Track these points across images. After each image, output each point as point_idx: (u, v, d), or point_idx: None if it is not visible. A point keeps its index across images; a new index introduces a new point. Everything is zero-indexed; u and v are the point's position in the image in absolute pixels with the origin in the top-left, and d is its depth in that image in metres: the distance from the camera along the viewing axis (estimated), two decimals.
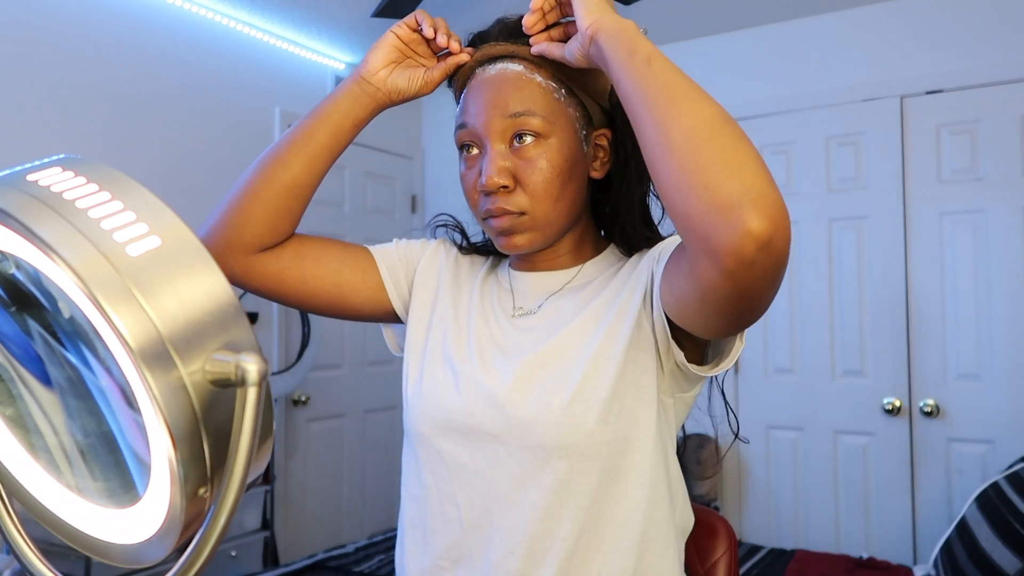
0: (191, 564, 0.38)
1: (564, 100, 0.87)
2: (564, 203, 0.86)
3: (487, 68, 0.88)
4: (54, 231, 0.35)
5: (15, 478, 0.46)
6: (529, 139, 0.84)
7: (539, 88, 0.86)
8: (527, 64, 0.87)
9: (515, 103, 0.84)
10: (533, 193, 0.84)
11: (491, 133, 0.85)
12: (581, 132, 0.88)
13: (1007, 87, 2.72)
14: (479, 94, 0.87)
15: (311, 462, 3.31)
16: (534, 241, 0.87)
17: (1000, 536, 2.14)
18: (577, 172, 0.87)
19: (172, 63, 2.82)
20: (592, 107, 0.89)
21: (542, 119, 0.84)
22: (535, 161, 0.84)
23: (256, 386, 0.36)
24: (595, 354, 0.83)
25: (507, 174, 0.84)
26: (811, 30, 3.05)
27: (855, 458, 2.93)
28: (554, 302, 0.91)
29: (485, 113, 0.85)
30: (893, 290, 2.88)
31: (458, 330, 0.94)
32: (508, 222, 0.85)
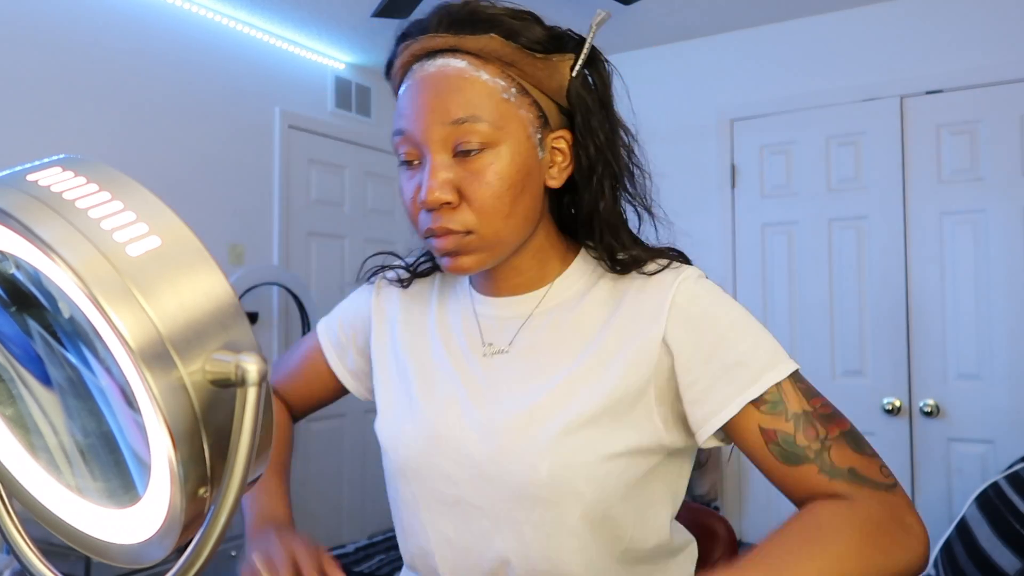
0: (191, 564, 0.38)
1: (515, 100, 0.76)
2: (516, 219, 0.77)
3: (425, 64, 0.77)
4: (54, 231, 0.35)
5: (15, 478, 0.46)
6: (475, 148, 0.74)
7: (485, 88, 0.75)
8: (471, 59, 0.75)
9: (457, 107, 0.74)
10: (480, 209, 0.75)
11: (431, 142, 0.75)
12: (535, 136, 0.77)
13: (1007, 87, 2.72)
14: (416, 96, 0.76)
15: (311, 462, 3.31)
16: (483, 262, 0.78)
17: (1000, 536, 2.14)
18: (531, 183, 0.77)
19: (172, 63, 2.82)
20: (548, 106, 0.78)
21: (489, 125, 0.74)
22: (482, 173, 0.74)
23: (256, 386, 0.36)
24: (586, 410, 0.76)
25: (450, 188, 0.74)
26: (811, 30, 3.05)
27: None
28: (527, 336, 0.83)
29: (423, 119, 0.75)
30: (893, 290, 2.88)
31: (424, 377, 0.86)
32: (453, 242, 0.76)
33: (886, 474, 0.73)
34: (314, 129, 3.35)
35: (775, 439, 0.73)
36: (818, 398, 0.75)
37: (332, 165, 3.41)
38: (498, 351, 0.83)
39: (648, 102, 3.83)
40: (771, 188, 3.13)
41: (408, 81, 0.78)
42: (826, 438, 0.72)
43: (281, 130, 3.21)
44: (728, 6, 2.99)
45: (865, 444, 0.74)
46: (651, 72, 3.37)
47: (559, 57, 0.78)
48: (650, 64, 3.37)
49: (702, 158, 3.24)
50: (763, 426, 0.73)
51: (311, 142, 3.34)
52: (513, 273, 0.83)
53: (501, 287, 0.85)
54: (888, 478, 0.72)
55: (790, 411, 0.73)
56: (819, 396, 0.76)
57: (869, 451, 0.73)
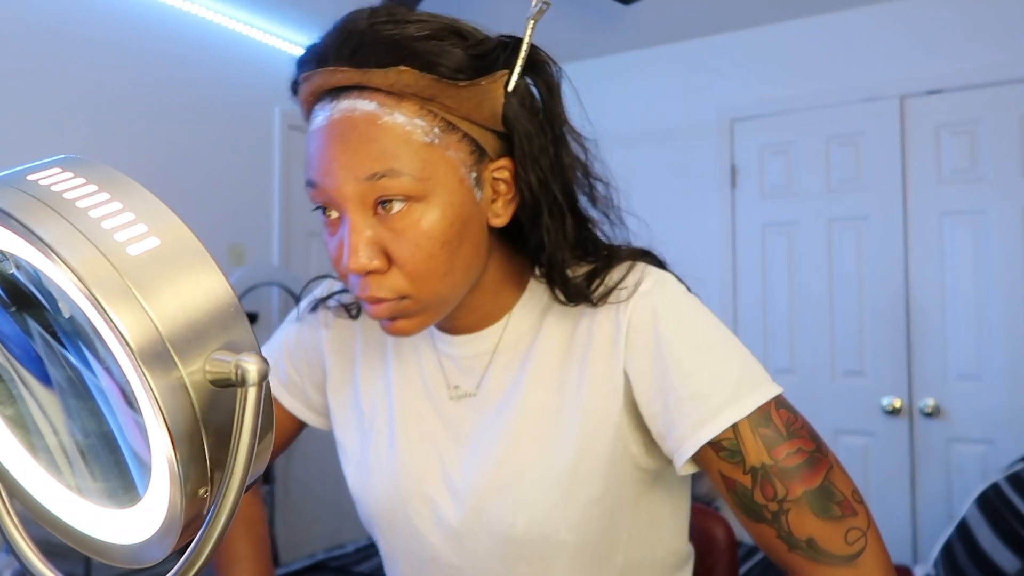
0: (191, 564, 0.38)
1: (440, 141, 0.64)
2: (455, 274, 0.67)
3: (328, 106, 0.65)
4: (54, 231, 0.35)
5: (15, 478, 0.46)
6: (398, 205, 0.63)
7: (402, 134, 0.63)
8: (382, 98, 0.63)
9: (370, 161, 0.62)
10: (412, 274, 0.65)
11: (346, 201, 0.64)
12: (470, 176, 0.66)
13: (1007, 87, 2.72)
14: (322, 145, 0.64)
15: (311, 462, 3.31)
16: (425, 323, 0.69)
17: (1000, 536, 2.14)
18: (470, 231, 0.67)
19: (172, 63, 2.82)
20: (483, 136, 0.67)
21: (410, 177, 0.63)
22: (408, 233, 0.64)
23: (256, 386, 0.36)
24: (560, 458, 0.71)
25: (375, 251, 0.64)
26: (811, 30, 3.05)
27: (855, 458, 2.92)
28: (494, 376, 0.76)
29: (334, 176, 0.64)
30: (893, 290, 2.88)
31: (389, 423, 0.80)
32: (387, 310, 0.67)
33: (852, 539, 0.64)
34: None
35: (735, 488, 0.66)
36: (781, 447, 0.65)
37: None
38: (465, 394, 0.77)
39: (648, 102, 3.84)
40: (771, 188, 3.13)
41: (314, 123, 0.67)
42: (785, 499, 0.64)
43: (281, 130, 3.21)
44: (728, 6, 2.99)
45: (831, 503, 0.64)
46: (651, 72, 3.37)
47: (489, 79, 0.65)
48: (650, 64, 3.37)
49: (702, 158, 3.24)
50: (723, 472, 0.66)
51: None
52: (469, 311, 0.75)
53: (459, 325, 0.77)
54: (852, 545, 0.64)
55: (747, 463, 0.65)
56: (783, 444, 0.65)
57: (835, 512, 0.64)
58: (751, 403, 0.66)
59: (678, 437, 0.67)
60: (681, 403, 0.67)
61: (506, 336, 0.76)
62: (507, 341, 0.76)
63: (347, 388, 0.85)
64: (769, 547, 0.66)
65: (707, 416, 0.66)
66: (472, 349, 0.77)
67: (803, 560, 0.64)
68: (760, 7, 3.01)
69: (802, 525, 0.64)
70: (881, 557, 0.65)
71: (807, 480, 0.64)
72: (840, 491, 0.65)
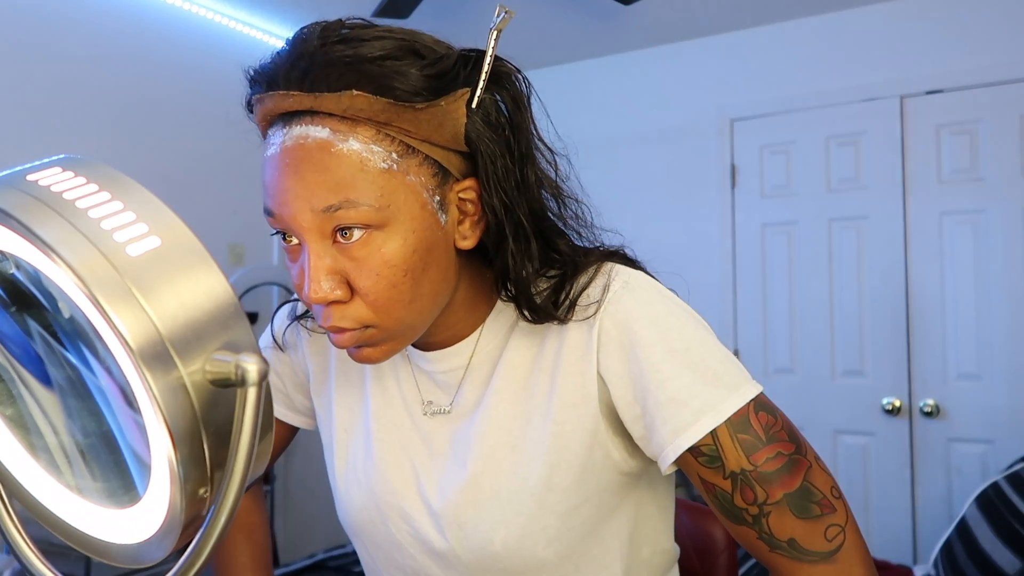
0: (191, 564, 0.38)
1: (399, 166, 0.61)
2: (421, 300, 0.65)
3: (280, 131, 0.62)
4: (54, 231, 0.35)
5: (15, 478, 0.46)
6: (357, 233, 0.61)
7: (358, 161, 0.60)
8: (335, 124, 0.60)
9: (325, 192, 0.60)
10: (375, 303, 0.63)
11: (304, 231, 0.61)
12: (432, 200, 0.63)
13: (1007, 87, 2.72)
14: (276, 174, 0.62)
15: (311, 462, 3.31)
16: (392, 351, 0.67)
17: (1000, 536, 2.14)
18: (434, 257, 0.64)
19: (172, 63, 2.82)
20: (445, 157, 0.64)
21: (369, 207, 0.60)
22: (369, 261, 0.62)
23: (256, 386, 0.36)
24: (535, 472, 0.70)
25: (336, 280, 0.62)
26: (811, 30, 3.05)
27: (855, 458, 2.93)
28: (466, 392, 0.75)
29: (289, 205, 0.61)
30: (893, 290, 2.88)
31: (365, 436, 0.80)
32: (351, 339, 0.65)
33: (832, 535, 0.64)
34: None
35: (714, 492, 0.67)
36: (760, 452, 0.64)
37: None
38: (439, 411, 0.76)
39: (648, 102, 3.84)
40: (771, 188, 3.13)
41: (268, 149, 0.64)
42: (765, 503, 0.64)
43: None
44: (728, 6, 2.99)
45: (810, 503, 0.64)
46: (651, 72, 3.37)
47: (449, 99, 0.62)
48: (650, 64, 3.37)
49: (702, 158, 3.24)
50: (702, 476, 0.66)
51: None
52: (441, 329, 0.73)
53: (432, 342, 0.75)
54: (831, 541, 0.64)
55: (727, 469, 0.65)
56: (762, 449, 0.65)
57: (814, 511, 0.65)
58: (729, 407, 0.65)
59: (659, 443, 0.67)
60: (659, 408, 0.66)
61: (478, 351, 0.74)
62: (479, 356, 0.74)
63: (324, 395, 0.85)
64: (751, 547, 0.67)
65: (686, 422, 0.65)
66: (446, 364, 0.75)
67: (784, 559, 0.65)
68: (760, 7, 3.01)
69: (782, 526, 0.64)
70: (860, 550, 0.66)
71: (786, 484, 0.64)
72: (819, 490, 0.65)
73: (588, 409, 0.69)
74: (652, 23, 3.12)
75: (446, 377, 0.76)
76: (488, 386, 0.73)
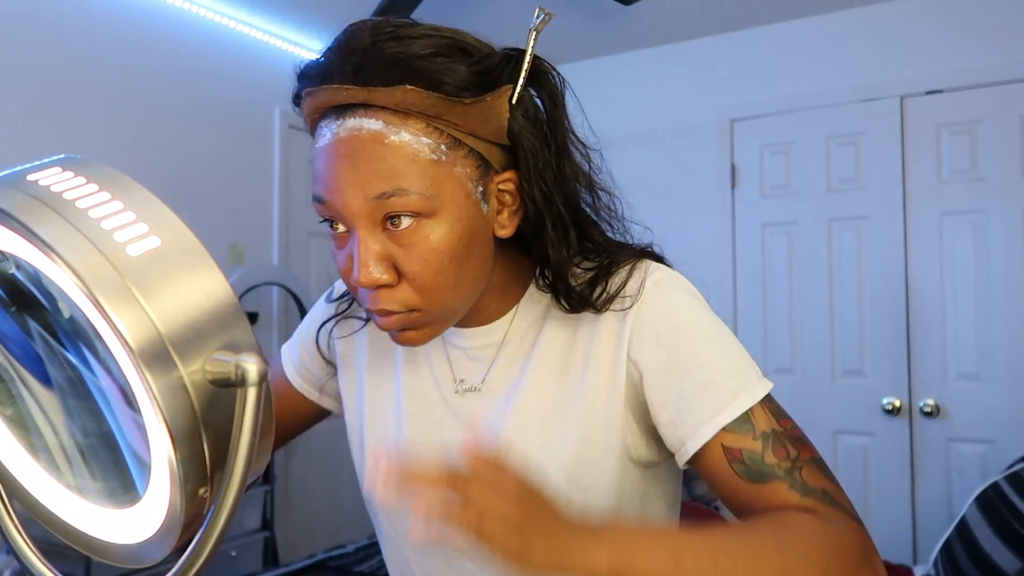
0: (191, 564, 0.38)
1: (447, 157, 0.65)
2: (464, 286, 0.68)
3: (334, 124, 0.65)
4: (54, 231, 0.35)
5: (15, 478, 0.46)
6: (407, 221, 0.64)
7: (409, 152, 0.63)
8: (388, 117, 0.64)
9: (378, 181, 0.63)
10: (422, 288, 0.66)
11: (355, 218, 0.65)
12: (476, 191, 0.67)
13: (1007, 87, 2.72)
14: (329, 164, 0.65)
15: (311, 462, 3.31)
16: (435, 333, 0.70)
17: (1000, 536, 2.14)
18: (476, 245, 0.68)
19: (172, 63, 2.82)
20: (488, 150, 0.67)
21: (418, 195, 0.63)
22: (417, 248, 0.65)
23: (256, 386, 0.36)
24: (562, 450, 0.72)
25: (385, 266, 0.65)
26: (811, 30, 3.05)
27: (855, 458, 2.93)
28: (499, 368, 0.77)
29: (342, 193, 0.64)
30: (893, 290, 2.88)
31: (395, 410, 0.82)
32: (396, 322, 0.68)
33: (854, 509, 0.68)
34: None
35: (740, 458, 0.67)
36: (788, 419, 0.70)
37: None
38: (470, 388, 0.78)
39: (648, 102, 3.84)
40: (771, 188, 3.13)
41: (320, 140, 0.67)
42: (797, 459, 0.67)
43: (281, 130, 3.21)
44: (728, 6, 2.99)
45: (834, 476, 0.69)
46: (651, 72, 3.37)
47: (494, 95, 0.66)
48: (650, 64, 3.37)
49: (702, 158, 3.24)
50: (727, 444, 0.67)
51: (311, 142, 3.33)
52: (476, 310, 0.77)
53: (467, 321, 0.78)
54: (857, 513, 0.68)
55: (758, 430, 0.67)
56: (789, 418, 0.70)
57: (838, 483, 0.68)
58: (762, 389, 0.70)
59: (694, 423, 0.68)
60: (698, 391, 0.68)
61: (512, 329, 0.78)
62: (513, 334, 0.78)
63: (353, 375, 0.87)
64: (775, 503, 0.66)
65: (725, 401, 0.68)
66: (479, 341, 0.78)
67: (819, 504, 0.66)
68: (760, 7, 3.01)
69: (816, 479, 0.67)
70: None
71: (811, 450, 0.68)
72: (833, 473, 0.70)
73: (616, 392, 0.72)
74: (652, 23, 3.12)
75: (478, 353, 0.78)
76: (521, 365, 0.76)
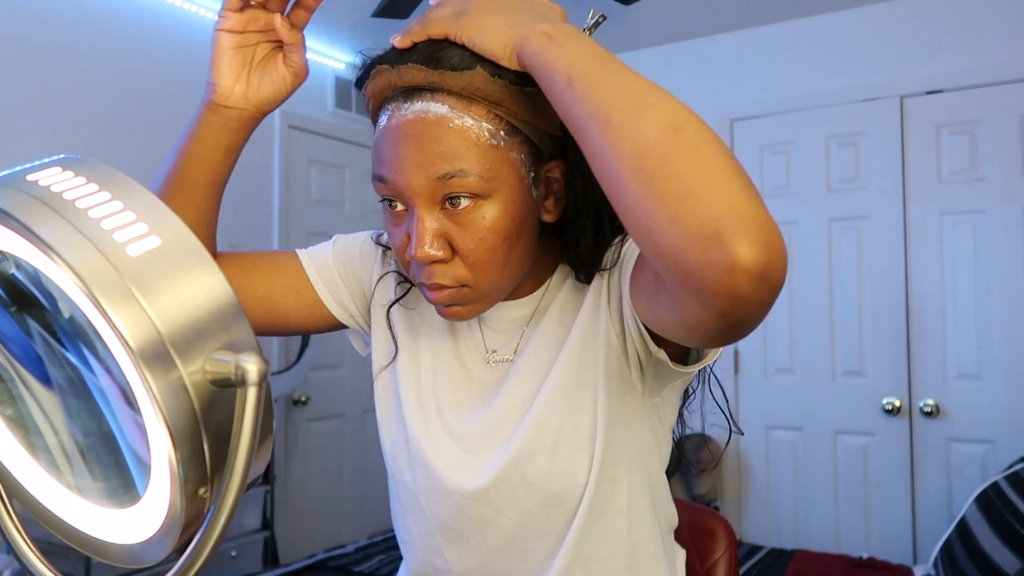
0: (191, 564, 0.38)
1: (505, 143, 0.69)
2: (512, 266, 0.73)
3: (403, 106, 0.69)
4: (54, 231, 0.35)
5: (15, 478, 0.46)
6: (465, 201, 0.68)
7: (471, 136, 0.67)
8: (453, 101, 0.68)
9: (442, 162, 0.67)
10: (475, 264, 0.70)
11: (416, 196, 0.69)
12: (528, 176, 0.71)
13: (1007, 87, 2.72)
14: (395, 144, 0.69)
15: (311, 462, 3.31)
16: (480, 309, 0.75)
17: (1000, 536, 2.14)
18: (526, 227, 0.72)
19: (172, 63, 2.82)
20: (540, 138, 0.72)
21: (478, 178, 0.67)
22: (473, 227, 0.69)
23: (256, 386, 0.36)
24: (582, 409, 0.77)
25: (441, 243, 0.70)
26: (811, 30, 3.06)
27: (855, 458, 2.93)
28: (529, 342, 0.81)
29: (406, 173, 0.68)
30: (893, 290, 2.88)
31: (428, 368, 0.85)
32: (447, 297, 0.72)
33: None
34: (314, 129, 3.35)
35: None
36: None
37: (332, 165, 3.40)
38: (502, 359, 0.82)
39: None
40: (771, 188, 3.13)
41: (384, 122, 0.71)
42: None
43: (281, 130, 3.21)
44: (728, 6, 2.99)
45: None
46: (651, 72, 3.34)
47: None
48: (650, 64, 3.37)
49: None
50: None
51: (311, 142, 3.34)
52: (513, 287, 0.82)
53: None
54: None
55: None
56: None
57: None
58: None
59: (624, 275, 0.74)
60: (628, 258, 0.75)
61: (543, 303, 0.82)
62: (543, 308, 0.82)
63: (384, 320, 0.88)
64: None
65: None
66: (512, 314, 0.82)
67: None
68: (760, 7, 3.01)
69: None
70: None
71: None
72: None
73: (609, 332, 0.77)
74: (652, 23, 3.12)
75: (510, 324, 0.83)
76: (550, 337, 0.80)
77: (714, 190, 0.51)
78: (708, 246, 0.49)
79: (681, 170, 0.52)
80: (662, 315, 0.62)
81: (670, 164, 0.52)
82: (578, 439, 0.76)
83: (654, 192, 0.52)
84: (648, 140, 0.54)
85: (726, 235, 0.49)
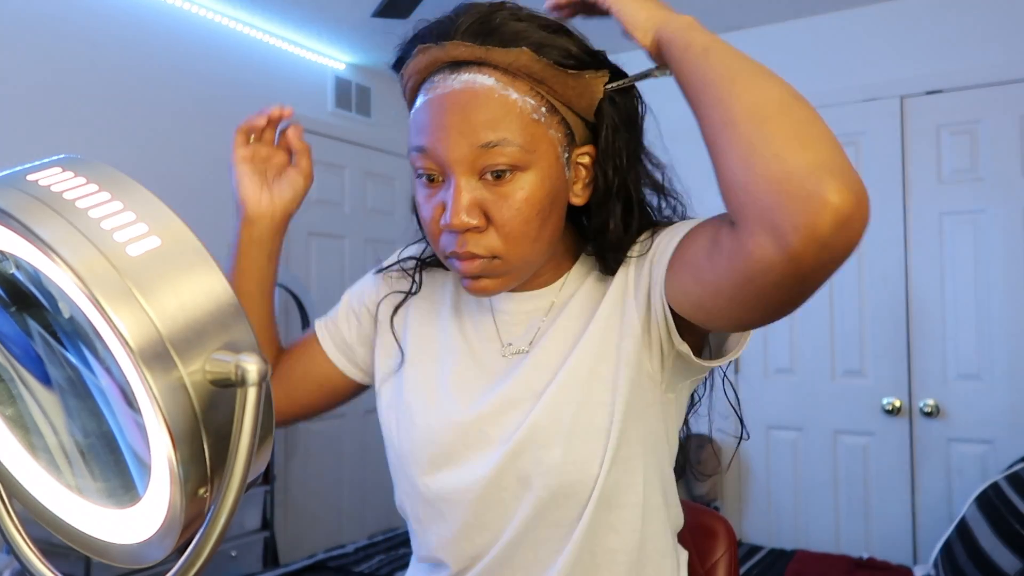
0: (191, 564, 0.38)
1: (545, 120, 0.72)
2: (542, 242, 0.74)
3: (449, 77, 0.72)
4: (54, 231, 0.35)
5: (15, 478, 0.46)
6: (504, 172, 0.70)
7: (515, 109, 0.70)
8: (499, 75, 0.71)
9: (486, 130, 0.69)
10: (508, 235, 0.72)
11: (456, 164, 0.71)
12: (563, 156, 0.74)
13: (1007, 87, 2.72)
14: (439, 113, 0.71)
15: (311, 462, 3.31)
16: (506, 285, 0.75)
17: (1000, 536, 2.14)
18: (558, 204, 0.75)
19: (172, 63, 2.82)
20: (575, 122, 0.75)
21: (519, 148, 0.70)
22: (510, 198, 0.71)
23: (256, 386, 0.36)
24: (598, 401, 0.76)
25: (477, 211, 0.71)
26: (811, 30, 3.05)
27: (855, 458, 2.93)
28: (545, 336, 0.81)
29: (449, 140, 0.70)
30: (893, 290, 2.88)
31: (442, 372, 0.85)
32: (478, 267, 0.73)
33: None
34: (314, 129, 3.35)
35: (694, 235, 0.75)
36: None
37: (332, 165, 3.40)
38: (517, 351, 0.81)
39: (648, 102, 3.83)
40: None
41: (428, 94, 0.73)
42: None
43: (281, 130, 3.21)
44: (728, 6, 2.99)
45: None
46: None
47: (592, 74, 0.74)
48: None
49: (702, 158, 3.24)
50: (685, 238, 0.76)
51: (311, 142, 3.28)
52: (533, 277, 0.82)
53: (519, 287, 0.83)
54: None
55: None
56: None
57: None
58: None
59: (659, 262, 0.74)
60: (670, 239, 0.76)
61: (561, 297, 0.82)
62: (561, 301, 0.82)
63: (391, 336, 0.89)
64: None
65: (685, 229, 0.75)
66: (529, 305, 0.83)
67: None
68: (760, 7, 3.01)
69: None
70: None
71: None
72: None
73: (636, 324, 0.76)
74: None
75: (526, 317, 0.83)
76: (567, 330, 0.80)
77: (823, 142, 0.56)
78: (806, 182, 0.53)
79: (799, 117, 0.57)
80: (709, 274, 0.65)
81: (787, 113, 0.58)
82: (593, 430, 0.76)
83: (766, 131, 0.57)
84: (769, 94, 0.59)
85: (826, 176, 0.53)
